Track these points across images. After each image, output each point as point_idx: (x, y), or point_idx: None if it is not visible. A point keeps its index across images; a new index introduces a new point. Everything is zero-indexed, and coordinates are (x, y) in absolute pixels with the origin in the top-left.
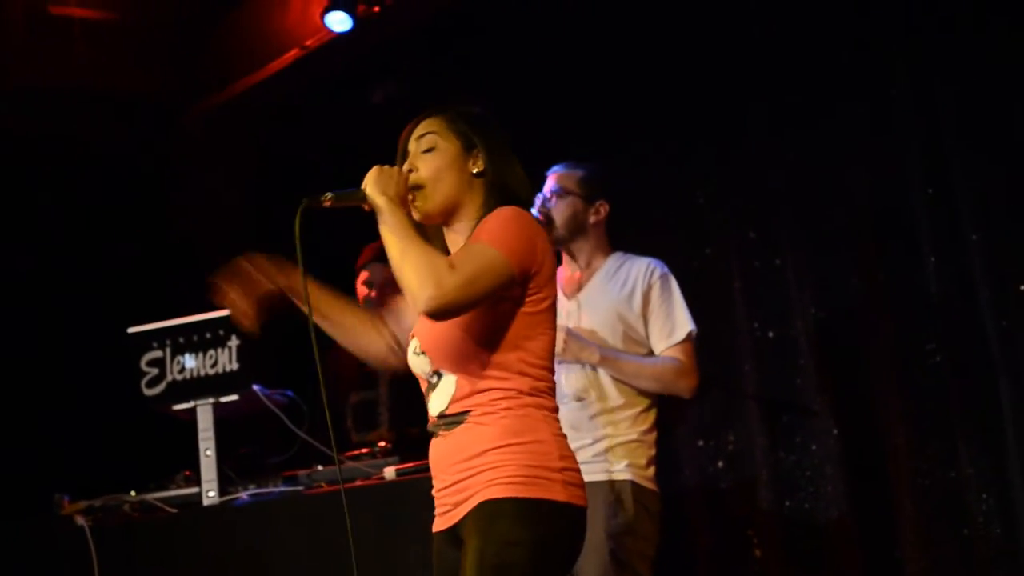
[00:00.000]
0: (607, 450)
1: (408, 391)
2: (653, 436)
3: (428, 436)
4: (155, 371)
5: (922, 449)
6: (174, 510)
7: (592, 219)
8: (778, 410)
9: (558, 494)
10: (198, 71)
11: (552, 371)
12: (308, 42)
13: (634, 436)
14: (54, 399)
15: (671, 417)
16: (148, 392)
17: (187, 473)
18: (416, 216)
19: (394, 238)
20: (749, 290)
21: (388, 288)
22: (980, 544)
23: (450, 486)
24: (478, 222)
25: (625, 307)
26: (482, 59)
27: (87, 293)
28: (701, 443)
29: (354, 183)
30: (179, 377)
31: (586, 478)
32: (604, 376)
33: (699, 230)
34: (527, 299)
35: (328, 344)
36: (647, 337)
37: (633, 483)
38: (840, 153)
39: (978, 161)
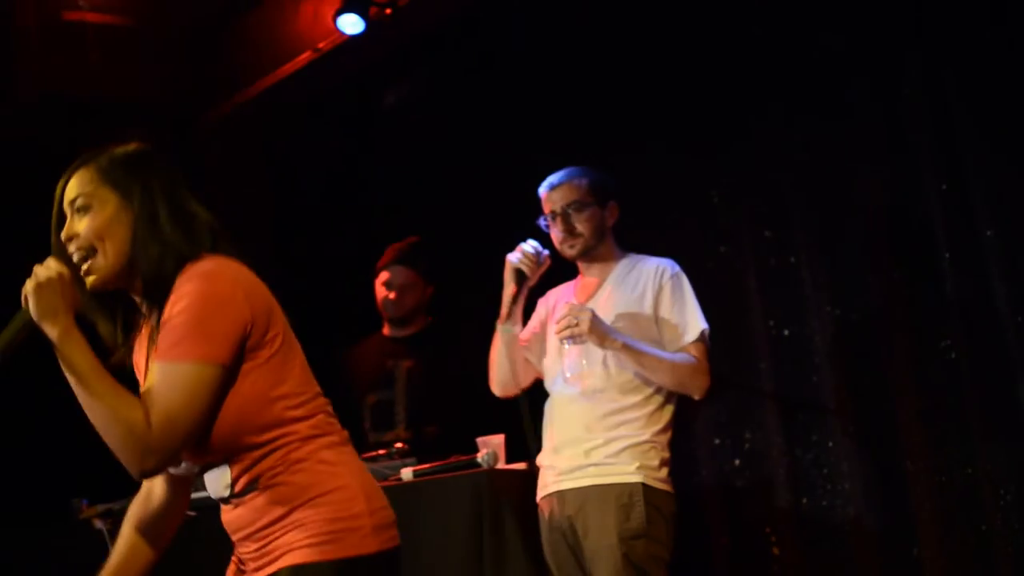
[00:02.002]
0: (618, 452)
1: (425, 391)
2: (666, 437)
3: (446, 436)
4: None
5: (939, 446)
6: (193, 513)
7: (609, 222)
8: (794, 408)
9: (368, 546)
10: (211, 75)
11: (320, 393)
12: (321, 45)
13: (646, 437)
14: (72, 404)
15: (687, 416)
16: None
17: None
18: (92, 286)
19: (76, 382)
20: (764, 289)
21: (407, 291)
22: (999, 540)
23: (253, 552)
24: (156, 283)
25: (637, 309)
26: (494, 61)
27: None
28: (717, 442)
29: (366, 186)
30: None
31: (597, 480)
32: (619, 375)
33: (714, 229)
34: (256, 354)
35: (347, 342)
36: (660, 338)
37: (645, 486)
38: (855, 151)
39: (993, 157)
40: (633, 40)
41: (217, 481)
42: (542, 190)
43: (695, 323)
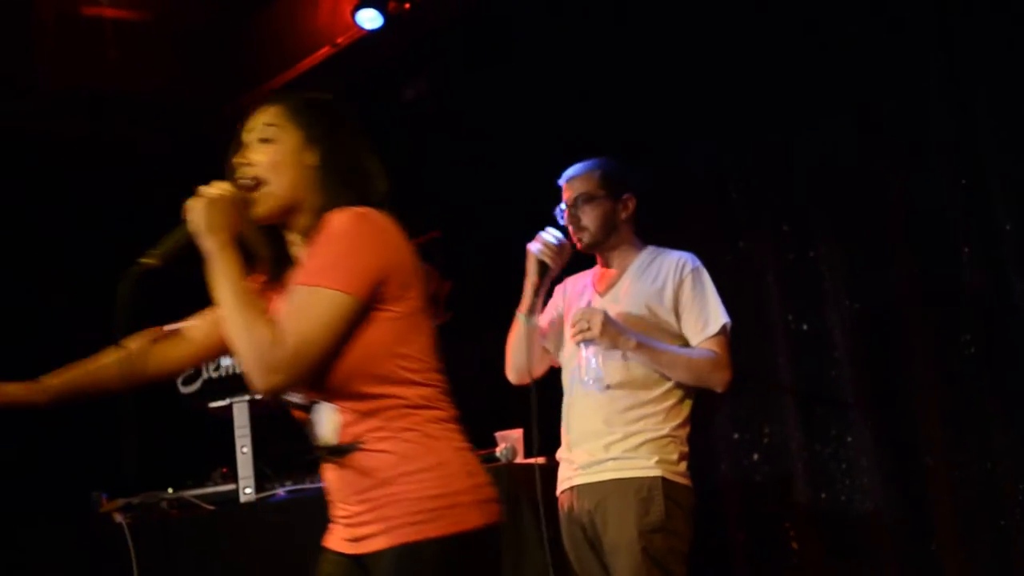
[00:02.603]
0: (637, 446)
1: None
2: (685, 431)
3: (468, 431)
4: (191, 369)
5: (958, 440)
6: (211, 507)
7: (622, 215)
8: (813, 403)
9: (472, 520)
10: (230, 70)
11: (440, 370)
12: (339, 40)
13: (665, 432)
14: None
15: (706, 410)
16: (184, 390)
17: (224, 470)
18: (253, 215)
19: (222, 294)
20: (783, 283)
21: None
22: (1017, 535)
23: (351, 516)
24: (316, 227)
25: (656, 302)
26: (513, 55)
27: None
28: (736, 436)
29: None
30: (215, 375)
31: (616, 475)
32: (638, 369)
33: (732, 223)
34: (389, 306)
35: None
36: (680, 331)
37: (664, 479)
38: (874, 145)
39: (1012, 152)
40: (654, 33)
41: (327, 424)
42: (561, 180)
43: (716, 317)
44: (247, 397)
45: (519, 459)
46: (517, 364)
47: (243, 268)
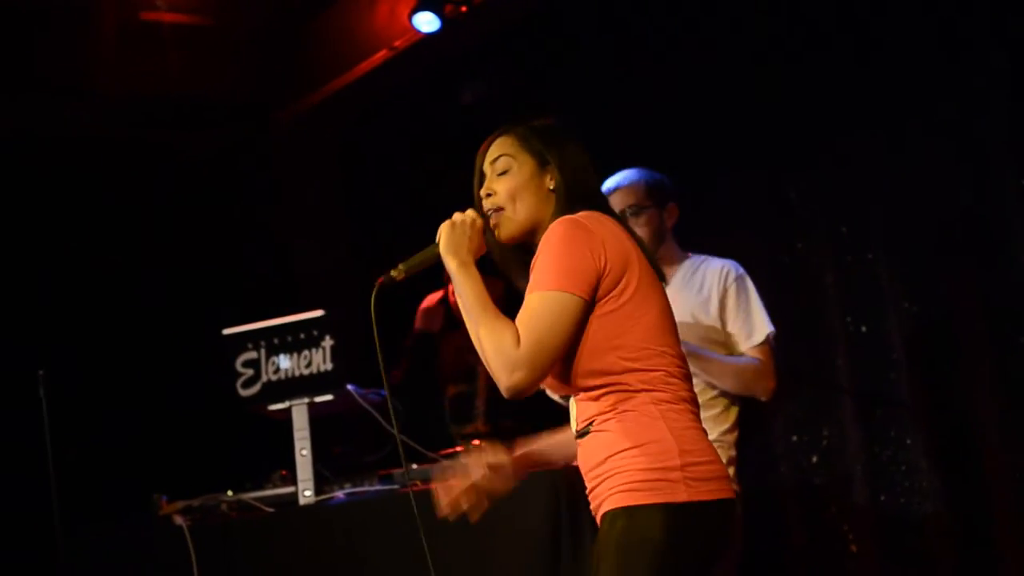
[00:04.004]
0: None
1: None
2: (734, 436)
3: (521, 429)
4: (250, 372)
5: (1018, 442)
6: (271, 509)
7: (668, 224)
8: (872, 405)
9: (679, 494)
10: (287, 74)
11: (666, 353)
12: (396, 43)
13: (713, 437)
14: (152, 401)
15: (765, 413)
16: (243, 393)
17: (283, 473)
18: (499, 239)
19: (468, 306)
20: (841, 285)
21: None
22: None
23: (590, 489)
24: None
25: (702, 312)
26: (571, 59)
27: (184, 296)
28: (795, 438)
29: (441, 183)
30: (274, 378)
31: None
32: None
33: (790, 226)
34: (605, 300)
35: (431, 336)
36: (725, 341)
37: None
38: (932, 147)
39: None
40: (709, 39)
41: (573, 418)
42: (603, 190)
43: (761, 326)
44: (306, 400)
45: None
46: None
47: (482, 283)
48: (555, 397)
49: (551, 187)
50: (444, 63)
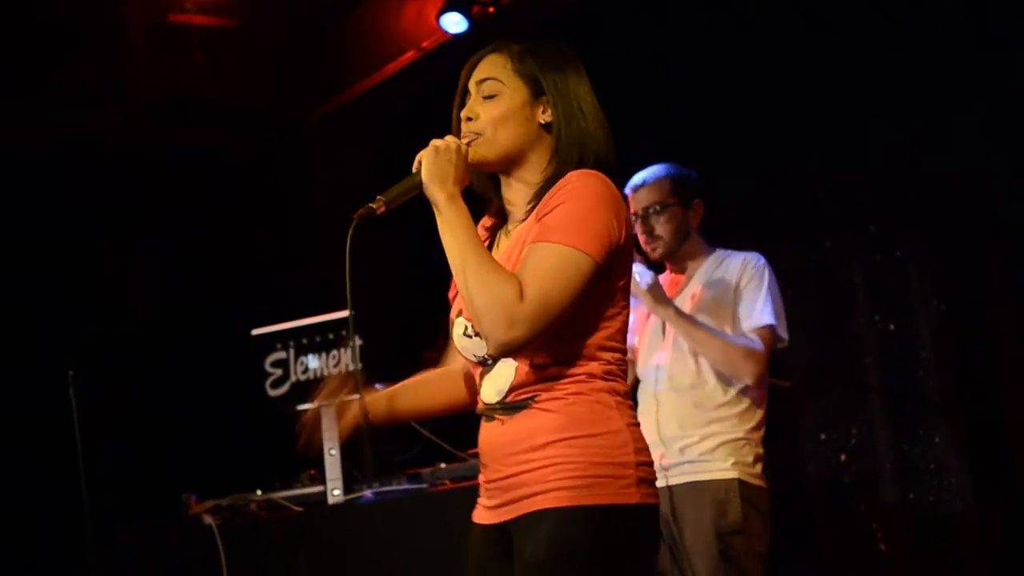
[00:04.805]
0: (713, 449)
1: None
2: (760, 434)
3: None
4: (279, 372)
5: None
6: (300, 509)
7: (694, 221)
8: (901, 403)
9: (631, 496)
10: (315, 75)
11: (625, 352)
12: (424, 44)
13: (740, 434)
14: (181, 400)
15: (793, 411)
16: (272, 393)
17: (312, 472)
18: (471, 162)
19: (455, 243)
20: (870, 283)
21: None
22: None
23: (504, 478)
24: (545, 183)
25: (724, 301)
26: (600, 59)
27: (212, 297)
28: (823, 437)
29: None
30: (303, 377)
31: (693, 477)
32: (709, 372)
33: (819, 224)
34: (611, 274)
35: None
36: (735, 325)
37: (741, 481)
38: (961, 145)
39: None
40: (742, 37)
41: (493, 385)
42: (627, 190)
43: (765, 312)
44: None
45: None
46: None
47: (475, 228)
48: (469, 354)
49: (543, 121)
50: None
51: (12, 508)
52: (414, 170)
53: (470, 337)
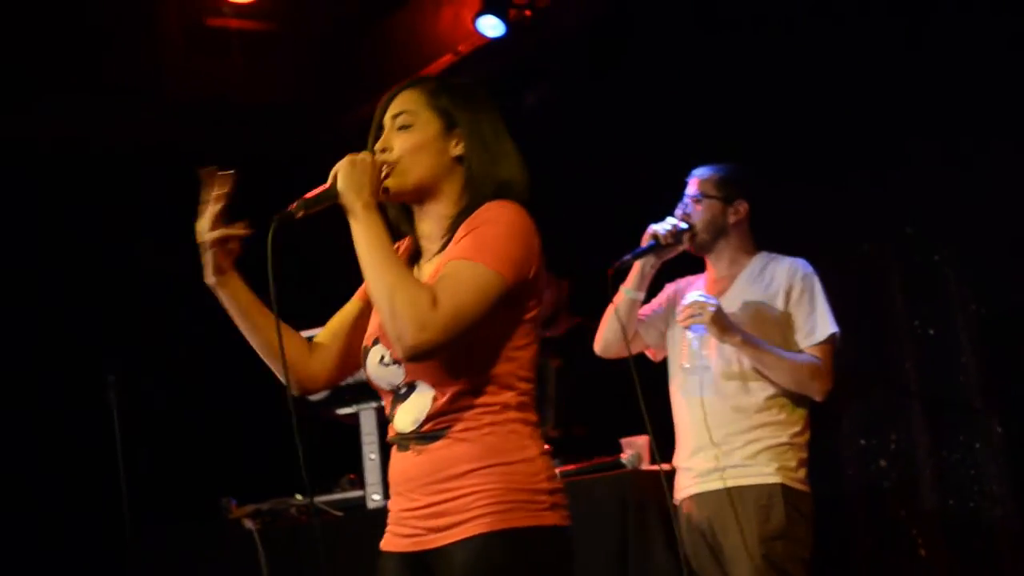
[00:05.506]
0: (756, 454)
1: (573, 391)
2: (804, 438)
3: (594, 436)
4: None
5: None
6: (340, 513)
7: (732, 219)
8: (940, 408)
9: (546, 518)
10: (351, 78)
11: (534, 383)
12: (461, 47)
13: (784, 439)
14: (221, 404)
15: (832, 417)
16: (312, 397)
17: (351, 476)
18: (386, 193)
19: (368, 252)
20: (909, 287)
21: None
22: None
23: (423, 507)
24: (459, 215)
25: (768, 308)
26: (637, 62)
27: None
28: (863, 442)
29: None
30: (342, 383)
31: (736, 482)
32: (753, 377)
33: (857, 227)
34: (520, 307)
35: None
36: (787, 336)
37: (784, 486)
38: (999, 148)
39: None
40: (778, 39)
41: (408, 414)
42: (689, 177)
43: (824, 325)
44: (374, 404)
45: (645, 465)
46: (607, 337)
47: (388, 236)
48: (383, 382)
49: (456, 154)
50: (508, 67)
51: (54, 510)
52: (330, 183)
53: (387, 366)
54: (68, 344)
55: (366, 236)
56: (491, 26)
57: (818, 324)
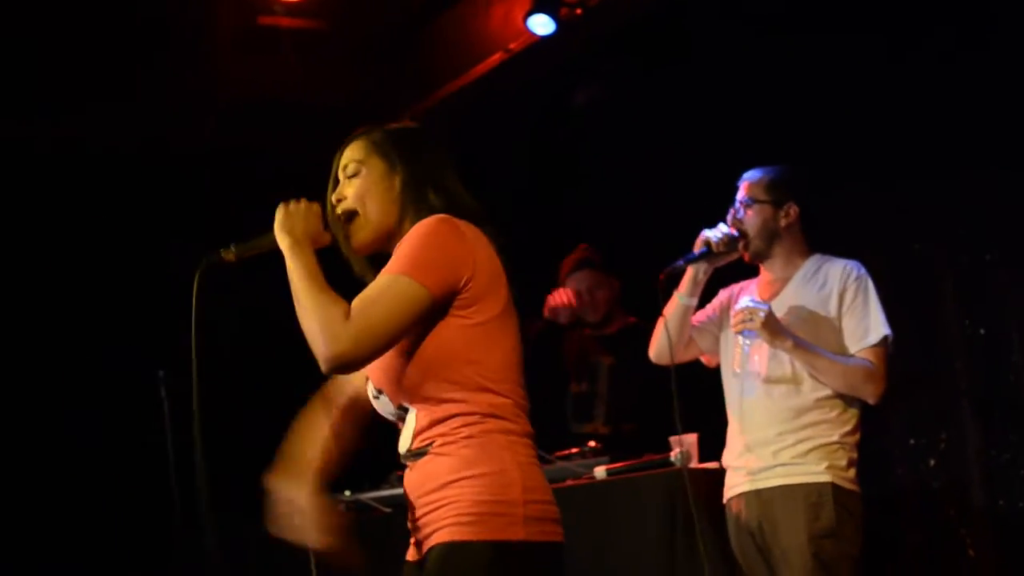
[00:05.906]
0: (807, 452)
1: (625, 389)
2: (855, 438)
3: (642, 434)
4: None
5: None
6: (388, 509)
7: (783, 223)
8: (991, 408)
9: (516, 532)
10: (403, 77)
11: (519, 384)
12: (512, 45)
13: (835, 438)
14: (271, 401)
15: (882, 416)
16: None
17: (399, 473)
18: (353, 247)
19: (295, 283)
20: (959, 287)
21: (596, 291)
22: None
23: (415, 520)
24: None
25: (821, 310)
26: (688, 60)
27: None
28: (912, 442)
29: (558, 185)
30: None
31: (786, 480)
32: (806, 378)
33: (908, 228)
34: (467, 311)
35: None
36: (840, 339)
37: (834, 485)
38: None
39: None
40: (833, 41)
41: (405, 435)
42: (740, 181)
43: (877, 327)
44: None
45: (693, 464)
46: (661, 343)
47: (318, 268)
48: (386, 413)
49: (400, 188)
50: (559, 65)
51: (105, 507)
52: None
53: (376, 398)
54: (122, 340)
55: (294, 269)
56: (542, 24)
57: (871, 327)
